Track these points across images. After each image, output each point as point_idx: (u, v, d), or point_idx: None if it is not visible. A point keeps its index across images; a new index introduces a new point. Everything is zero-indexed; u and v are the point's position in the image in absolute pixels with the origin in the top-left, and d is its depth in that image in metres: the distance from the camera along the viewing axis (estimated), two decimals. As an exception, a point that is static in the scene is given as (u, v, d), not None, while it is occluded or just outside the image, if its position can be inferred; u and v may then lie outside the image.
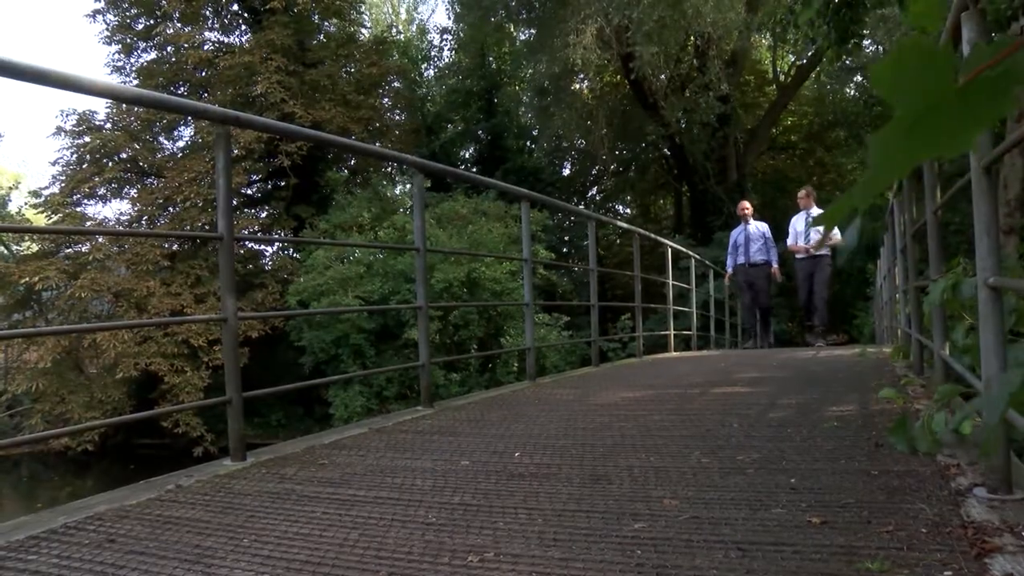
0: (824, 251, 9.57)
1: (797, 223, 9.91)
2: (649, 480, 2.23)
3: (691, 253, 10.38)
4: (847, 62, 17.01)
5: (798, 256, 9.84)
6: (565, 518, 1.90)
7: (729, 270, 10.47)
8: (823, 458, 2.38)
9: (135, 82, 16.97)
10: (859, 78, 19.39)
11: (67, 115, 16.73)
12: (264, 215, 17.90)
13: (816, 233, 9.10)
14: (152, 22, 17.56)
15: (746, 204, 10.52)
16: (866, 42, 16.27)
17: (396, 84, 20.67)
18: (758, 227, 10.25)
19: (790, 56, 21.06)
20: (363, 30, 20.90)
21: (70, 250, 15.55)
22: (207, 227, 15.65)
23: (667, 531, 1.75)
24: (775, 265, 10.18)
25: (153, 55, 17.80)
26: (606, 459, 2.53)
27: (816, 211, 9.36)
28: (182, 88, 17.35)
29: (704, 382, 4.85)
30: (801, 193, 10.11)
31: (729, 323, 12.25)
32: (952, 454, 2.30)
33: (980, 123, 0.45)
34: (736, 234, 10.41)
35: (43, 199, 16.20)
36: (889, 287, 7.94)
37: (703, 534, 1.72)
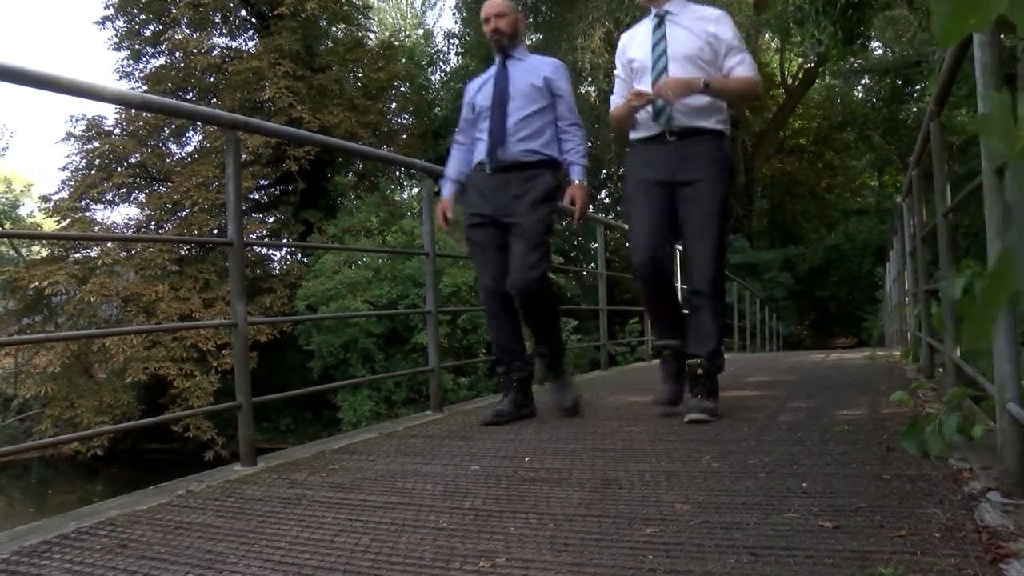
0: (713, 121, 3.44)
1: (632, 45, 3.63)
2: (660, 485, 2.22)
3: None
4: (855, 64, 16.98)
5: (637, 134, 3.57)
6: (576, 523, 1.89)
7: (446, 191, 3.91)
8: (835, 462, 2.37)
9: (144, 88, 17.07)
10: (867, 80, 19.34)
11: (76, 120, 16.88)
12: (272, 220, 17.96)
13: (692, 64, 3.39)
14: (160, 28, 17.66)
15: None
16: (874, 44, 16.26)
17: (403, 88, 20.71)
18: (535, 67, 3.72)
19: (798, 59, 21.03)
20: (370, 35, 20.95)
21: (79, 255, 15.62)
22: (216, 232, 15.72)
23: (679, 536, 1.75)
24: (577, 178, 3.63)
25: (162, 61, 17.91)
26: (616, 463, 2.52)
27: (695, 8, 3.53)
28: (190, 93, 17.43)
29: (713, 386, 4.83)
30: None
31: (737, 326, 12.19)
32: (964, 458, 2.28)
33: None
34: (477, 87, 3.85)
35: (52, 204, 16.31)
36: (899, 290, 7.91)
37: (715, 539, 1.71)
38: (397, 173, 20.18)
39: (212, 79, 17.41)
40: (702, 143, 3.39)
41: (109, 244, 15.22)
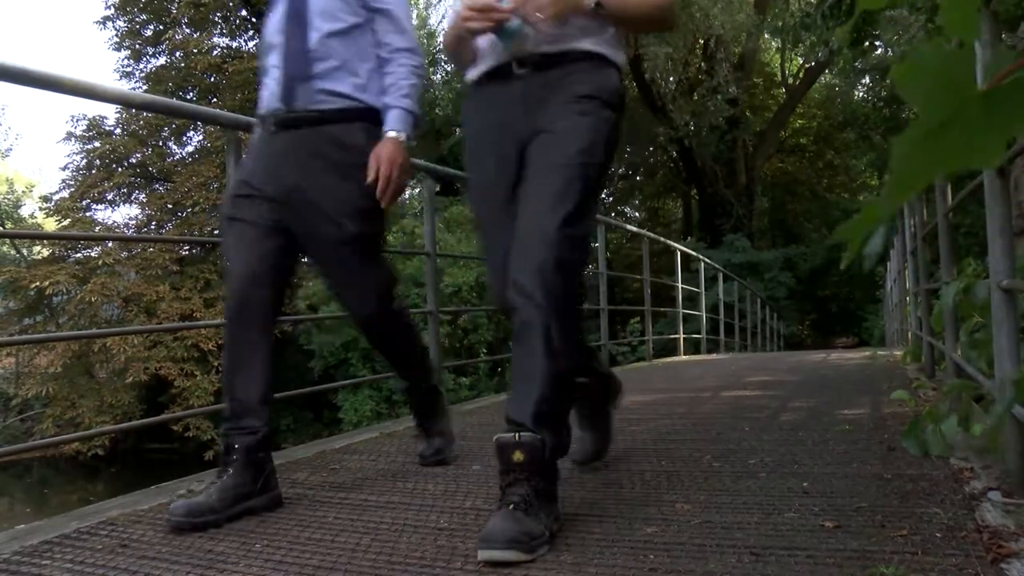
0: (590, 42, 1.97)
1: None
2: (661, 485, 2.22)
3: (701, 256, 10.35)
4: (856, 64, 16.98)
5: (477, 71, 2.09)
6: (577, 523, 1.89)
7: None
8: (835, 462, 2.37)
9: (144, 88, 17.06)
10: (867, 80, 19.33)
11: (77, 120, 16.89)
12: (273, 219, 17.92)
13: None
14: (161, 28, 17.65)
15: None
16: (876, 43, 16.26)
17: (404, 88, 20.67)
18: None
19: (799, 58, 21.02)
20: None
21: (80, 255, 15.63)
22: (216, 232, 15.71)
23: (680, 535, 1.75)
24: (393, 128, 2.25)
25: (162, 60, 17.90)
26: (618, 463, 2.52)
27: None
28: (191, 93, 17.42)
29: (714, 385, 4.84)
30: None
31: (739, 326, 12.20)
32: (966, 457, 2.28)
33: (1004, 132, 0.43)
34: (268, 11, 2.39)
35: (53, 204, 16.32)
36: (899, 290, 7.91)
37: (716, 538, 1.71)
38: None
39: (213, 79, 17.40)
40: (573, 73, 1.97)
41: (110, 244, 15.23)
